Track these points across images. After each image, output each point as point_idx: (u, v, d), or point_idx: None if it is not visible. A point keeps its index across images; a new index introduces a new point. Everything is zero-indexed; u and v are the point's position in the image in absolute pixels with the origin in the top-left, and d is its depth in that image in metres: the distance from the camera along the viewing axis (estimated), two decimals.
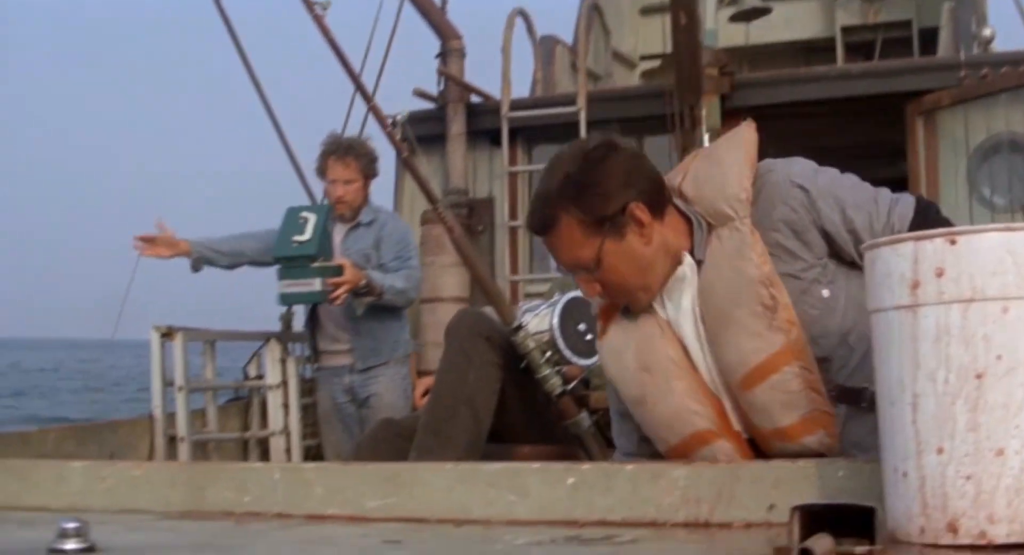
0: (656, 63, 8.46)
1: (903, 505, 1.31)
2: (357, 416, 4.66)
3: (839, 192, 2.00)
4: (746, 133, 2.04)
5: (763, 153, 2.03)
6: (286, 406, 4.91)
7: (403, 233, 4.69)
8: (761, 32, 7.26)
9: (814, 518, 1.25)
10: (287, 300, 4.53)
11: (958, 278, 1.27)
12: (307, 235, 4.30)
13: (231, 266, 4.71)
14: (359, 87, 3.25)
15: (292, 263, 4.33)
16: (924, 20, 6.99)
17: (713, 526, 1.55)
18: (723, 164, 2.02)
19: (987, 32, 6.22)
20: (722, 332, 1.98)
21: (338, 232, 4.66)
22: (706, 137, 5.22)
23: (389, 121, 3.51)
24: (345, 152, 4.53)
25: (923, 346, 1.29)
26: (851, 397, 1.97)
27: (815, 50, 7.58)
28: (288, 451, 4.88)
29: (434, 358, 5.92)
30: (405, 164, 3.20)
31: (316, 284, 4.29)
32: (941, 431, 1.27)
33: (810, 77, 5.56)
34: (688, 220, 2.03)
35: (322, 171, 4.63)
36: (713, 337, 1.99)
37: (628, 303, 2.06)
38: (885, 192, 2.05)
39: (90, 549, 1.36)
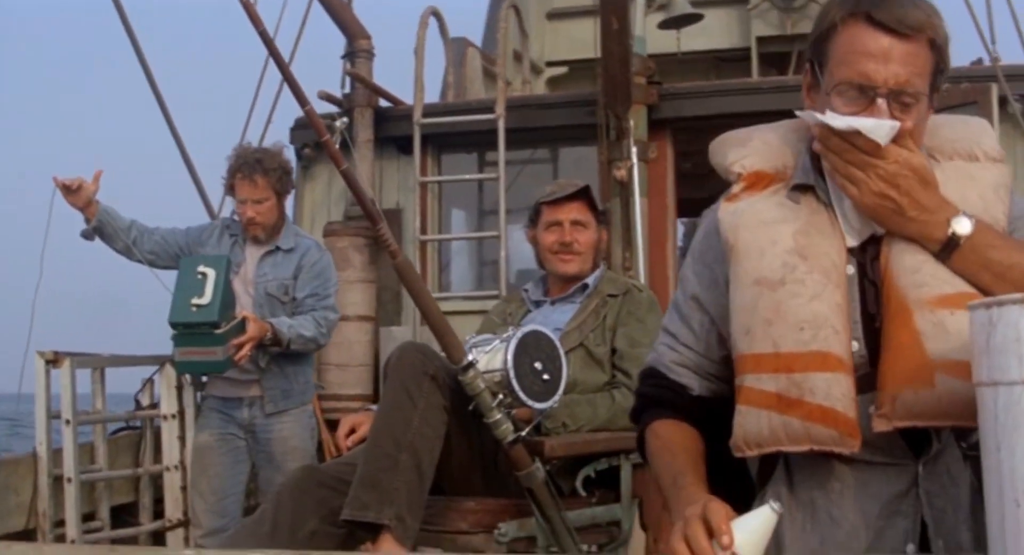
0: (563, 70, 8.26)
1: None
2: (251, 451, 4.20)
3: None
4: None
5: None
6: (182, 439, 4.48)
7: (324, 267, 4.25)
8: (681, 41, 7.08)
9: None
10: (185, 369, 4.06)
11: None
12: (207, 298, 3.80)
13: (123, 252, 4.18)
14: (288, 79, 2.81)
15: (191, 330, 3.83)
16: None
17: None
18: (971, 126, 1.82)
19: None
20: None
21: (251, 255, 4.20)
22: (633, 149, 4.98)
23: (325, 124, 3.10)
24: (252, 169, 4.06)
25: None
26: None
27: (728, 61, 7.44)
28: (184, 488, 4.43)
29: (337, 382, 5.56)
30: (345, 177, 2.82)
31: (218, 352, 3.81)
32: None
33: (736, 88, 5.38)
34: None
35: (231, 189, 4.16)
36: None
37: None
38: None
39: None
